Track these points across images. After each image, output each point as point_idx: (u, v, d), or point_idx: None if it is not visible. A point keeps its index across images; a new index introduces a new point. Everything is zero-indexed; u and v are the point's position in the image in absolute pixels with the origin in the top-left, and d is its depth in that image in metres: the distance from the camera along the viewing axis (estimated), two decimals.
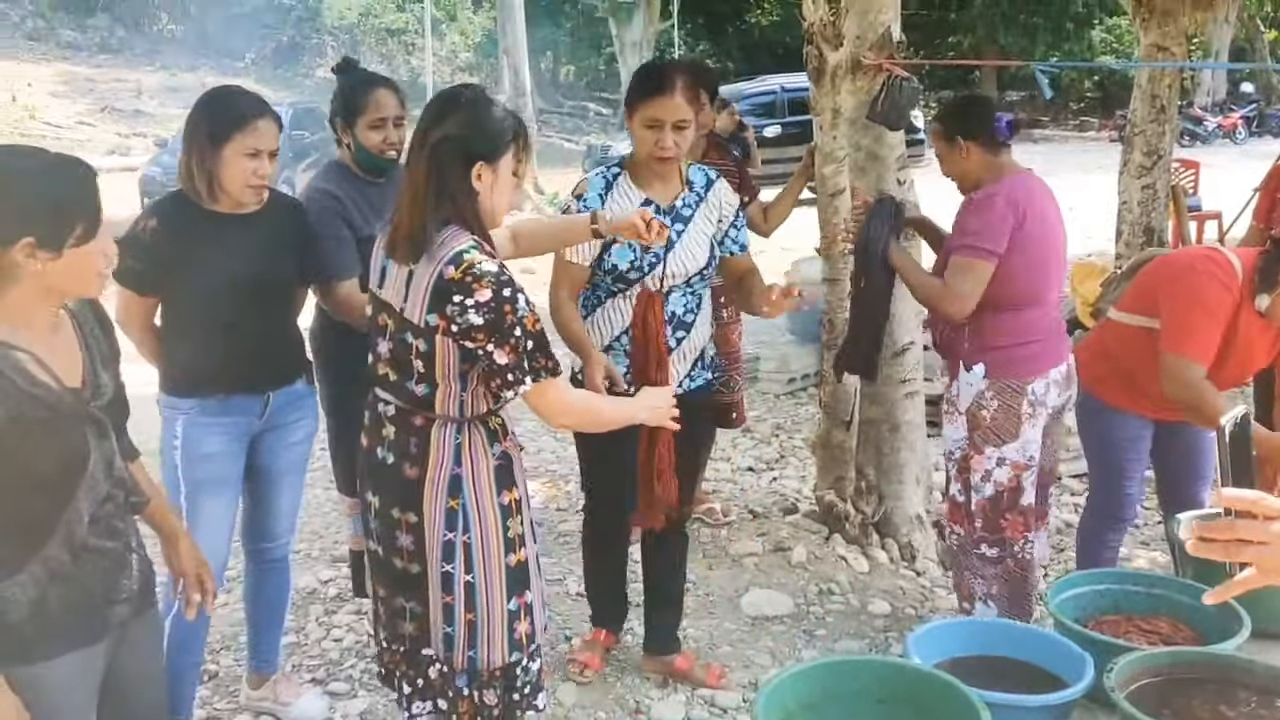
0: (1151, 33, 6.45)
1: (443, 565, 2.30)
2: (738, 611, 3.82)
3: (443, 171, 2.22)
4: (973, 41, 28.54)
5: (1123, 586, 3.22)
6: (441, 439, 2.28)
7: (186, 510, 2.85)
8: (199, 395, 2.85)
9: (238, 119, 2.75)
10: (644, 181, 3.08)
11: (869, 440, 4.33)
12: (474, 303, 2.12)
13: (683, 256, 3.04)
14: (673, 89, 2.92)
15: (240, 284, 2.80)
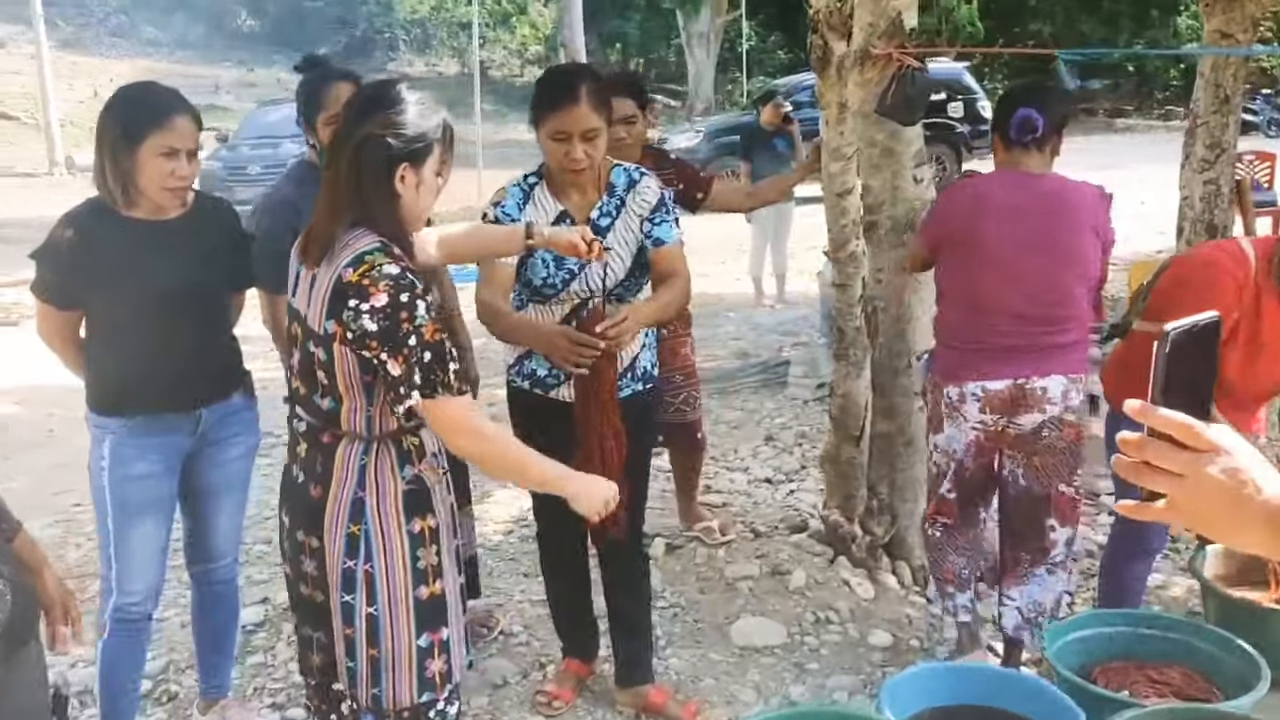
0: (1215, 18, 6.00)
1: (342, 595, 2.16)
2: (726, 640, 3.58)
3: (362, 172, 2.07)
4: (1053, 29, 27.67)
5: (1135, 629, 2.95)
6: (346, 459, 2.13)
7: (114, 533, 2.73)
8: (126, 414, 2.70)
9: (153, 116, 2.57)
10: (561, 191, 2.90)
11: (881, 455, 4.07)
12: (369, 308, 1.97)
13: (597, 269, 2.83)
14: (577, 98, 2.72)
15: (166, 294, 2.65)
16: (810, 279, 9.25)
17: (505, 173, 18.23)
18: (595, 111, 2.75)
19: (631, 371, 2.96)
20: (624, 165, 2.96)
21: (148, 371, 2.67)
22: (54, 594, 2.14)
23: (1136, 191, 12.07)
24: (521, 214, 2.87)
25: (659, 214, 2.92)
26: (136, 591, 2.78)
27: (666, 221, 2.93)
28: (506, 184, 2.97)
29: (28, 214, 14.79)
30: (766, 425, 5.91)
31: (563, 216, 2.88)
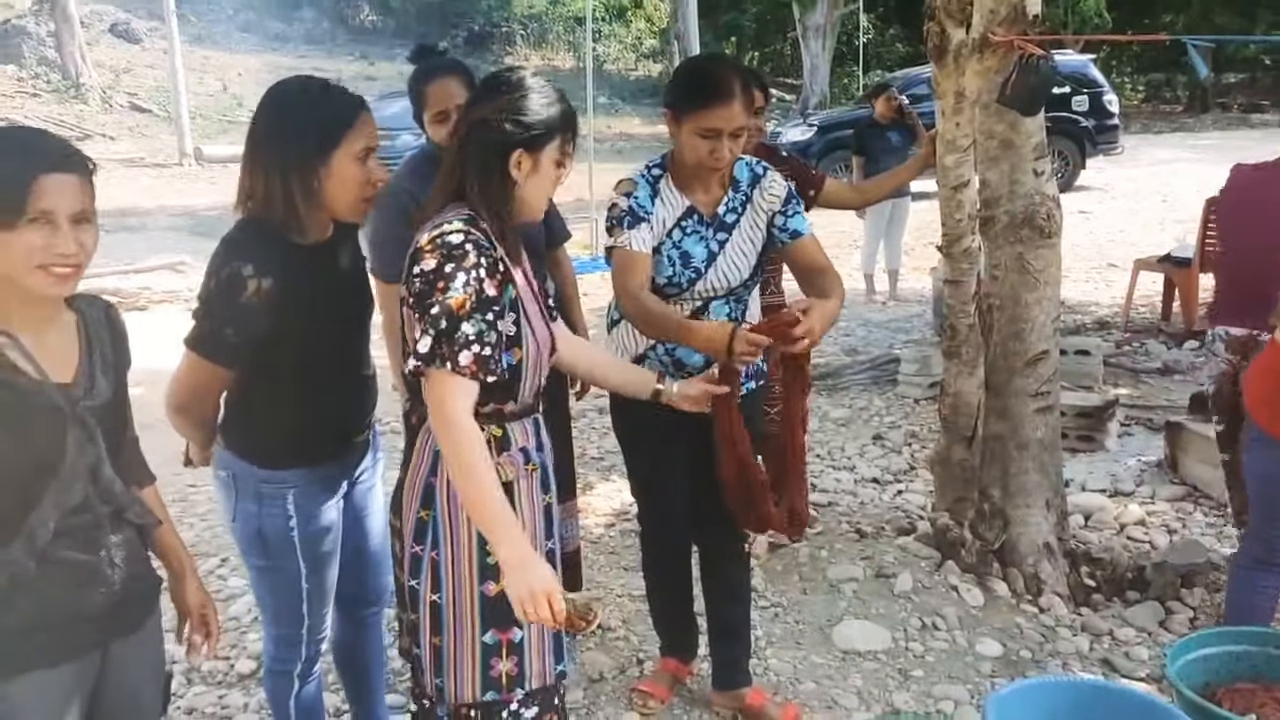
0: None
1: (409, 579, 2.16)
2: (828, 643, 3.50)
3: (475, 155, 2.09)
4: (1186, 20, 26.60)
5: (1265, 649, 2.79)
6: (424, 442, 2.14)
7: (312, 590, 2.44)
8: (317, 461, 2.38)
9: (341, 115, 2.20)
10: (685, 185, 2.82)
11: (994, 458, 3.93)
12: (418, 271, 2.00)
13: (724, 269, 2.80)
14: (731, 96, 2.61)
15: (348, 323, 2.39)
16: (925, 275, 9.05)
17: (617, 166, 18.32)
18: (745, 110, 2.65)
19: (746, 369, 2.89)
20: (745, 159, 2.88)
21: (336, 412, 2.41)
22: (192, 603, 2.15)
23: None
24: (653, 205, 2.78)
25: (790, 206, 2.84)
26: (324, 639, 2.59)
27: (799, 213, 2.85)
28: (631, 174, 2.86)
29: (155, 202, 15.40)
30: (875, 424, 5.79)
31: (690, 212, 2.81)
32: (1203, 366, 5.17)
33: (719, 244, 2.80)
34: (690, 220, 2.80)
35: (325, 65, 27.86)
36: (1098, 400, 5.44)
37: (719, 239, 2.81)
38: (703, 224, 2.81)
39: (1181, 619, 3.74)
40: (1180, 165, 16.83)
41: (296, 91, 2.26)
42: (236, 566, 4.21)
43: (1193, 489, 4.78)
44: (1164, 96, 30.11)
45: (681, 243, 2.79)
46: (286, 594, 2.45)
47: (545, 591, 1.96)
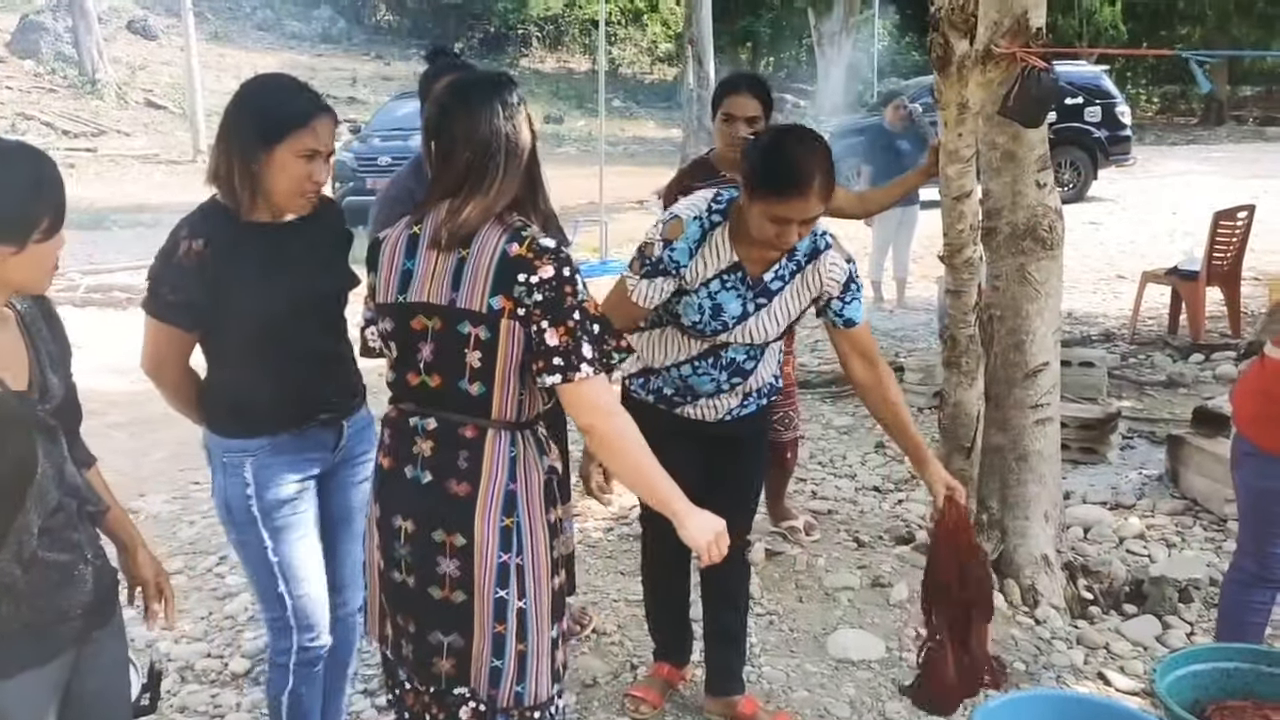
0: None
1: (497, 590, 2.12)
2: (822, 652, 3.50)
3: (522, 158, 2.14)
4: (1203, 32, 26.52)
5: (1255, 666, 2.78)
6: (496, 450, 2.11)
7: (283, 564, 2.52)
8: (270, 432, 2.49)
9: (294, 115, 2.37)
10: (741, 242, 2.70)
11: (993, 470, 3.93)
12: (538, 280, 2.01)
13: (753, 329, 2.76)
14: (809, 188, 2.51)
15: (301, 300, 2.47)
16: (932, 283, 9.05)
17: (629, 169, 18.23)
18: (821, 201, 2.56)
19: (758, 392, 2.92)
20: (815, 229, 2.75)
21: (291, 383, 2.48)
22: (146, 572, 2.19)
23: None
24: (692, 256, 2.69)
25: (849, 293, 2.77)
26: (316, 625, 2.60)
27: (857, 300, 2.79)
28: (684, 216, 2.73)
29: (169, 199, 15.47)
30: (878, 432, 5.75)
31: (735, 268, 2.72)
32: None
33: (756, 306, 2.74)
34: (733, 276, 2.72)
35: (341, 64, 28.00)
36: (1100, 413, 5.42)
37: (758, 302, 2.74)
38: (744, 283, 2.72)
39: (1178, 633, 3.73)
40: (1192, 177, 16.77)
41: (267, 85, 2.47)
42: (235, 565, 4.23)
43: (1193, 503, 4.77)
44: (1179, 109, 30.01)
45: (718, 295, 2.72)
46: (260, 570, 2.55)
47: (722, 531, 2.12)
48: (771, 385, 2.97)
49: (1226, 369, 6.67)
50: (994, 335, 3.88)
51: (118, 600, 2.05)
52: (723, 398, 2.88)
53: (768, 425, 3.14)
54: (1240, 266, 7.53)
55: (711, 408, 2.89)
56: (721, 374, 2.82)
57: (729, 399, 2.88)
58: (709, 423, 2.91)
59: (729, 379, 2.83)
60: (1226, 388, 6.19)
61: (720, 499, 2.92)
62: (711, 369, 2.81)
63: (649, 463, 2.09)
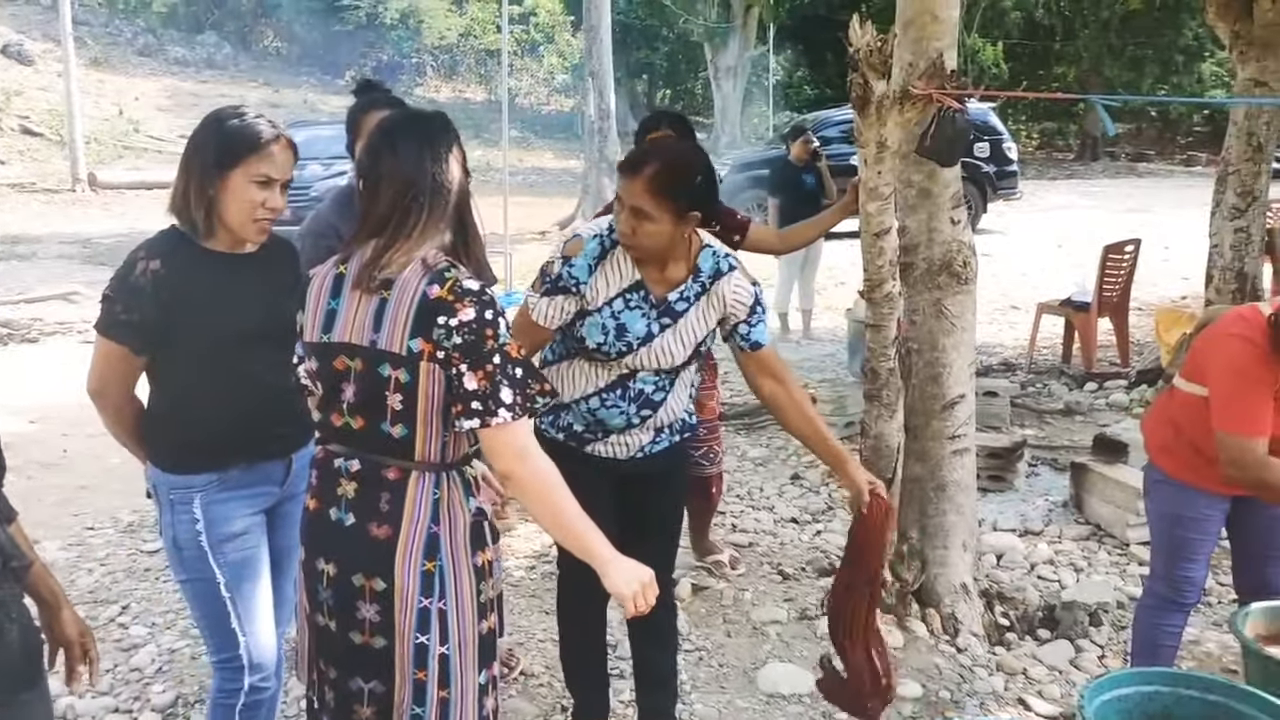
0: (1249, 66, 6.00)
1: (416, 636, 2.09)
2: (752, 687, 3.51)
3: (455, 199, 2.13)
4: (1078, 73, 27.72)
5: (1174, 689, 2.86)
6: (419, 493, 2.08)
7: (236, 602, 2.50)
8: (218, 466, 2.48)
9: (250, 141, 2.41)
10: (643, 260, 2.74)
11: (913, 500, 4.00)
12: (457, 322, 1.99)
13: (659, 352, 2.75)
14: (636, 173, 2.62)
15: (251, 332, 2.49)
16: (837, 315, 9.21)
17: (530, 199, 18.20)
18: (652, 196, 2.59)
19: (670, 427, 2.91)
20: (713, 248, 2.81)
21: (240, 416, 2.49)
22: (71, 633, 2.09)
23: (1163, 235, 12.04)
24: (590, 277, 2.70)
25: (755, 316, 2.80)
26: (268, 665, 2.58)
27: (763, 322, 2.83)
28: (584, 234, 2.77)
29: (47, 229, 14.90)
30: (793, 463, 5.84)
31: (637, 286, 2.73)
32: None
33: (660, 327, 2.75)
34: (636, 295, 2.73)
35: (228, 91, 27.36)
36: (1007, 441, 5.58)
37: (663, 322, 2.75)
38: (648, 302, 2.74)
39: (1090, 656, 3.84)
40: (1075, 211, 17.46)
41: (226, 111, 2.50)
42: (139, 614, 4.07)
43: (1096, 528, 4.93)
44: (1057, 145, 31.28)
45: (621, 314, 2.72)
46: (212, 608, 2.51)
47: (649, 580, 2.08)
48: (684, 422, 2.95)
49: (1119, 397, 6.93)
50: (912, 368, 3.97)
51: (43, 661, 1.95)
52: (633, 433, 2.85)
53: (683, 463, 3.10)
54: (1128, 298, 7.85)
55: (623, 445, 2.86)
56: (630, 405, 2.80)
57: (640, 435, 2.86)
58: (621, 460, 2.88)
59: (638, 411, 2.81)
60: (1120, 415, 6.44)
61: (641, 540, 2.93)
62: (620, 400, 2.79)
63: (572, 510, 2.06)
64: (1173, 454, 3.16)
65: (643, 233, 2.63)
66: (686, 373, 2.89)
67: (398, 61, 31.68)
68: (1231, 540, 3.28)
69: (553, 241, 15.28)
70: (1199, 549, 3.16)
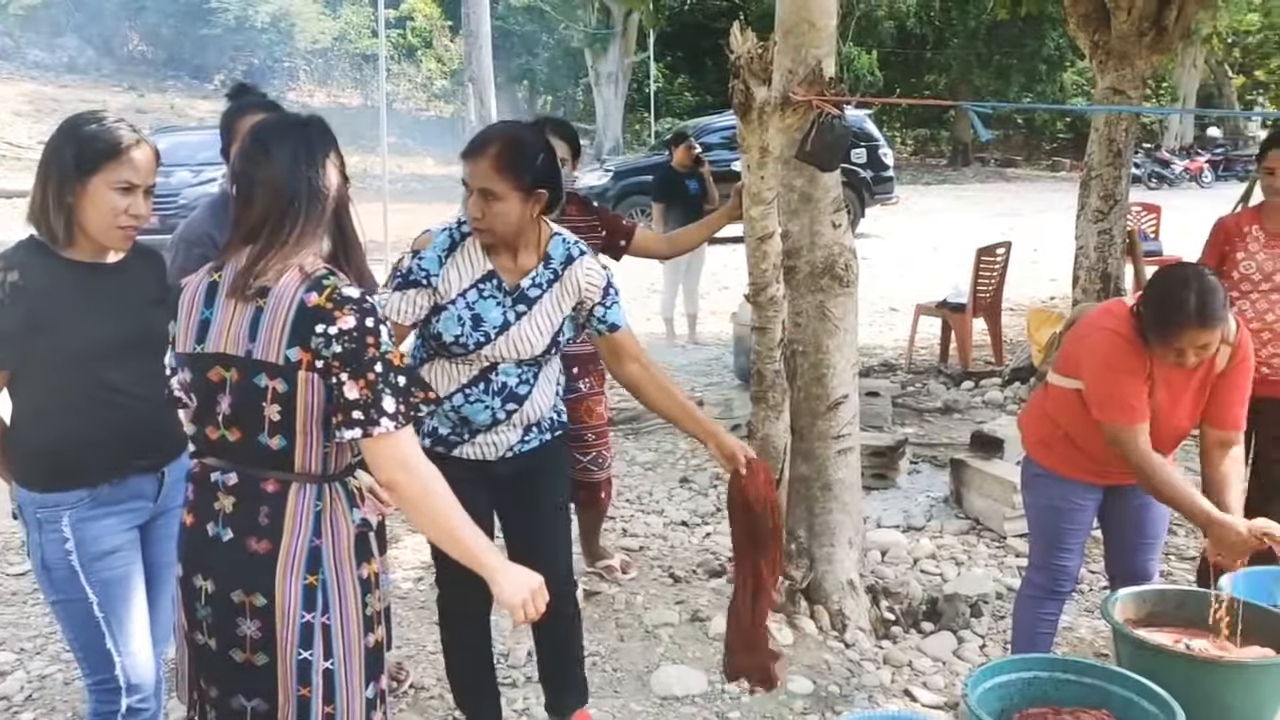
0: (1108, 76, 6.27)
1: (299, 651, 2.05)
2: (646, 690, 3.52)
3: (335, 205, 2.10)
4: (948, 81, 28.62)
5: (1052, 674, 2.95)
6: (299, 505, 2.04)
7: (111, 621, 2.43)
8: (87, 483, 2.42)
9: (109, 147, 2.37)
10: (494, 249, 2.77)
11: (799, 499, 4.06)
12: (336, 331, 1.95)
13: (517, 340, 2.77)
14: (480, 154, 2.65)
15: (115, 345, 2.43)
16: (721, 319, 9.31)
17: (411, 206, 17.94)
18: (498, 174, 2.63)
19: (539, 425, 2.90)
20: (563, 236, 2.86)
21: (109, 431, 2.43)
22: None
23: (1031, 238, 12.50)
24: (441, 269, 2.73)
25: (609, 298, 2.84)
26: (146, 686, 2.51)
27: (617, 304, 2.87)
28: (434, 229, 2.82)
29: None
30: (681, 467, 5.88)
31: (490, 276, 2.76)
32: None
33: (516, 315, 2.76)
34: (489, 284, 2.75)
35: (90, 96, 26.31)
36: (889, 440, 5.71)
37: (518, 310, 2.77)
38: (501, 290, 2.76)
39: (972, 647, 3.95)
40: (948, 215, 18.01)
41: (84, 117, 2.45)
42: (5, 640, 3.88)
43: (976, 522, 5.08)
44: (930, 150, 32.24)
45: (475, 304, 2.74)
46: (85, 629, 2.44)
47: (538, 588, 2.06)
48: (554, 420, 2.95)
49: (994, 395, 7.16)
50: (797, 370, 4.03)
51: None
52: (501, 431, 2.84)
53: (560, 461, 3.09)
54: (1001, 298, 8.13)
55: (491, 445, 2.85)
56: (495, 399, 2.79)
57: (508, 433, 2.85)
58: (492, 461, 2.86)
59: (503, 405, 2.80)
60: (996, 412, 6.65)
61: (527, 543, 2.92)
62: (484, 395, 2.79)
63: (457, 519, 2.04)
64: (1049, 447, 3.26)
65: (493, 214, 2.65)
66: (550, 368, 2.90)
67: (269, 66, 30.90)
68: (1104, 530, 3.40)
69: None
70: (1074, 538, 3.28)
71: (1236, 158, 25.47)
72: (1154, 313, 2.89)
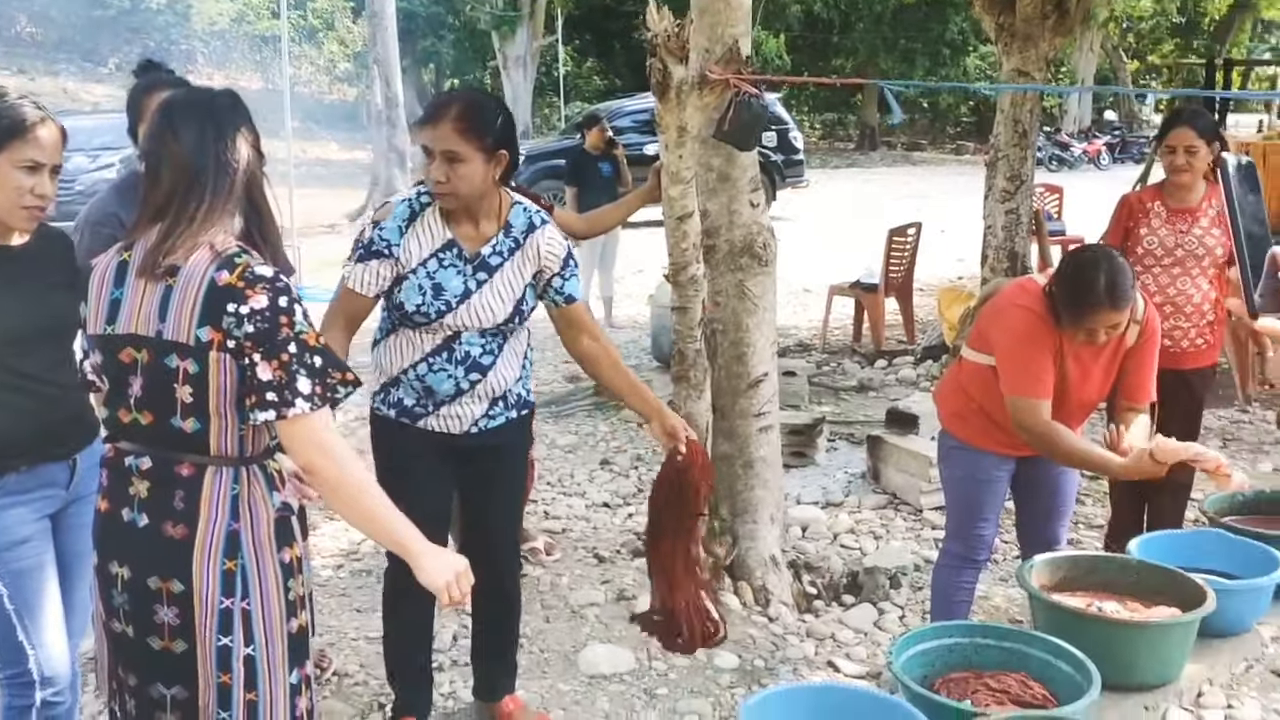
0: (1013, 58, 6.41)
1: (219, 638, 2.01)
2: (574, 670, 3.52)
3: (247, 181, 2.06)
4: (855, 64, 28.99)
5: (972, 640, 3.02)
6: (216, 489, 2.00)
7: (20, 615, 2.38)
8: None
9: (14, 125, 2.32)
10: (454, 218, 2.80)
11: (721, 478, 4.09)
12: (248, 310, 1.91)
13: (478, 308, 2.79)
14: (440, 117, 2.68)
15: (21, 330, 2.38)
16: (637, 303, 9.32)
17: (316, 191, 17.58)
18: (460, 135, 2.65)
19: (504, 400, 2.90)
20: (524, 204, 2.89)
21: (16, 418, 2.37)
22: None
23: (939, 219, 12.73)
24: (403, 235, 2.75)
25: (568, 269, 2.88)
26: (61, 678, 2.46)
27: (575, 276, 2.91)
28: (394, 200, 2.84)
29: None
30: (602, 449, 5.88)
31: (450, 245, 2.78)
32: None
33: (477, 283, 2.78)
34: (449, 253, 2.78)
35: None
36: (807, 418, 5.79)
37: (478, 278, 2.79)
38: (462, 259, 2.78)
39: (892, 617, 4.03)
40: (858, 197, 18.27)
41: None
42: None
43: (893, 496, 5.18)
44: (838, 135, 32.65)
45: (436, 274, 2.76)
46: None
47: (463, 570, 2.04)
48: (521, 397, 2.96)
49: (907, 372, 7.30)
50: (718, 348, 4.06)
51: None
52: (465, 403, 2.84)
53: (523, 441, 3.12)
54: (912, 278, 8.28)
55: (455, 418, 2.85)
56: (458, 369, 2.80)
57: (472, 405, 2.85)
58: (456, 435, 2.87)
59: (466, 375, 2.81)
60: (909, 389, 6.78)
61: (481, 519, 2.93)
62: (447, 364, 2.80)
63: (377, 501, 2.02)
64: (964, 420, 3.34)
65: (457, 176, 2.67)
66: (516, 341, 2.91)
67: (165, 48, 29.95)
68: (1015, 500, 3.49)
69: (343, 233, 14.85)
70: (990, 508, 3.36)
71: (1132, 140, 26.29)
72: (1066, 294, 2.98)
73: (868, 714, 2.67)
